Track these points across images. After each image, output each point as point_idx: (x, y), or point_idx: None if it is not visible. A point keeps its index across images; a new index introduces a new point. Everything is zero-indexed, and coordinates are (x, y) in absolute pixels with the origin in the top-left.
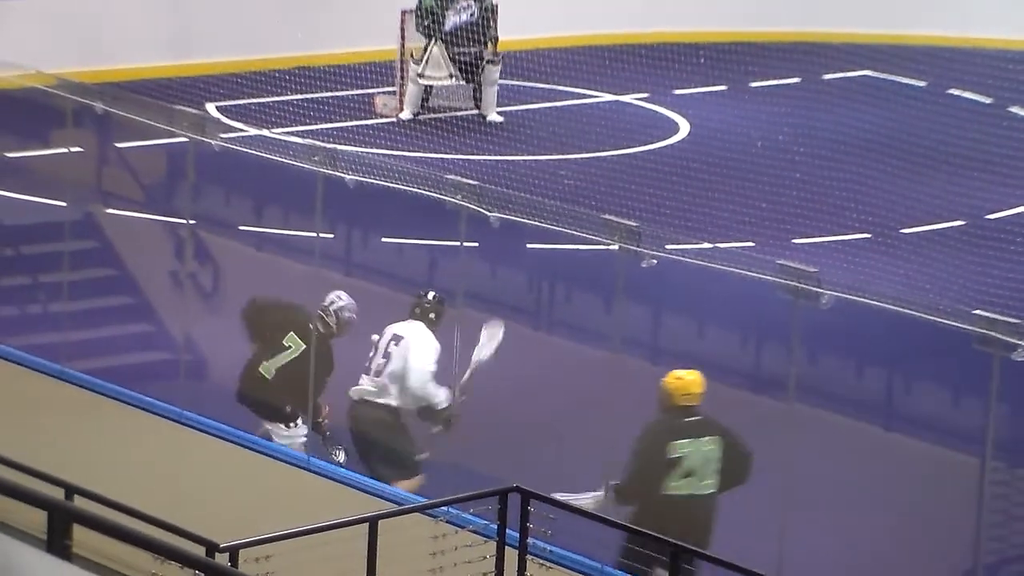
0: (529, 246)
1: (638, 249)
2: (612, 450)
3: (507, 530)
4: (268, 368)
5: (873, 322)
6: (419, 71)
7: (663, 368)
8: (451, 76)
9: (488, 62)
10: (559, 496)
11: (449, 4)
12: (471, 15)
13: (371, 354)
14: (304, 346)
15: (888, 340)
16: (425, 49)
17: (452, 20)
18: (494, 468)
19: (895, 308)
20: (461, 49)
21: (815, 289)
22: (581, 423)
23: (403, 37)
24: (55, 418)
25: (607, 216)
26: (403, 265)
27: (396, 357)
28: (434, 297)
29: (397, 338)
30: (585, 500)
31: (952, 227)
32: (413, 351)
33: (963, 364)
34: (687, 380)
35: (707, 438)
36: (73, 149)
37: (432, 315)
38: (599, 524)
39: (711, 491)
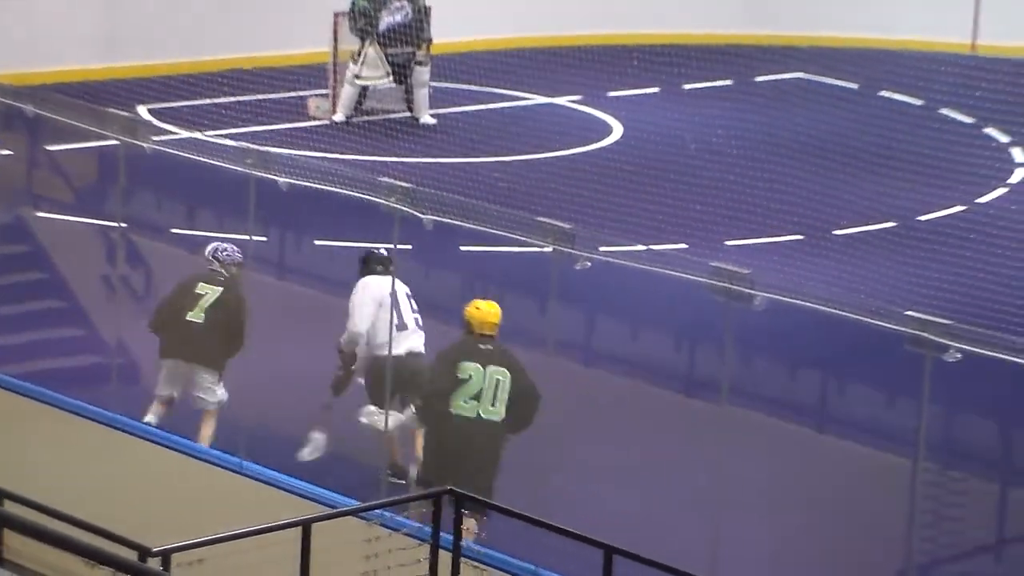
0: (463, 248)
1: (572, 251)
2: (543, 451)
3: (441, 533)
4: (196, 314)
5: (806, 323)
6: (356, 72)
7: (597, 371)
8: (388, 75)
9: (418, 63)
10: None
11: (383, 5)
12: (405, 16)
13: (392, 313)
14: (219, 288)
15: (821, 342)
16: (359, 51)
17: (386, 21)
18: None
19: (827, 309)
20: (395, 50)
21: (748, 291)
22: None
23: (336, 39)
24: None
25: (541, 218)
26: (336, 268)
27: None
28: (387, 252)
29: (407, 295)
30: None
31: (884, 228)
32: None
33: (895, 365)
34: (484, 310)
35: (496, 367)
36: (2, 152)
37: (392, 267)
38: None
39: (496, 418)
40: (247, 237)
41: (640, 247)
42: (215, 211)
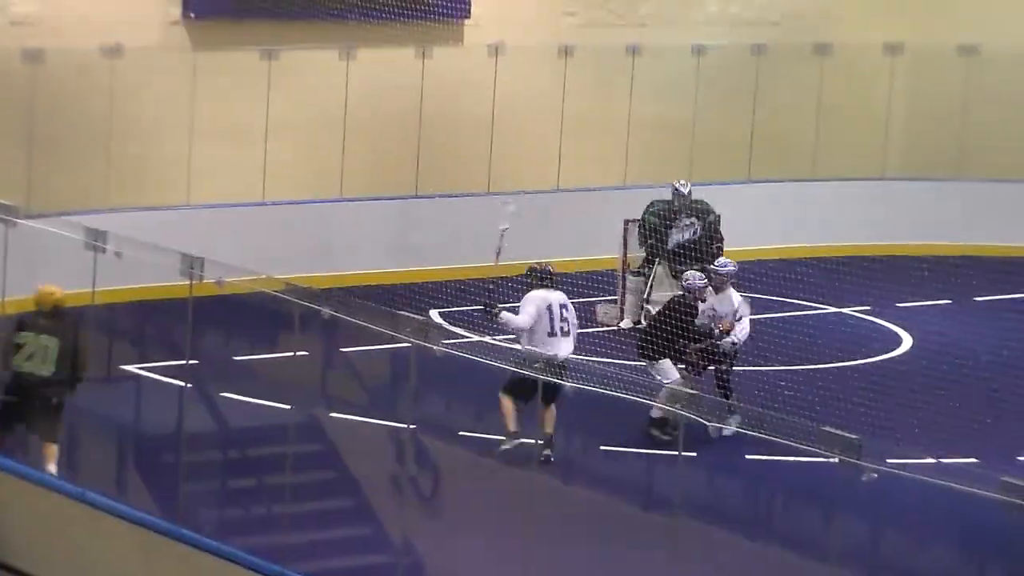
0: (748, 456)
1: (858, 462)
2: None
3: None
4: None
5: None
6: (645, 296)
7: None
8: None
9: (714, 265)
10: None
11: (673, 221)
12: (694, 232)
13: (548, 321)
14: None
15: None
16: (647, 268)
17: (675, 238)
18: None
19: None
20: (684, 268)
21: None
22: None
23: (625, 246)
24: None
25: (827, 428)
26: (620, 472)
27: (572, 318)
28: (550, 268)
29: (562, 305)
30: None
31: None
32: (572, 310)
33: None
34: (43, 291)
35: (46, 336)
36: (299, 353)
37: (555, 279)
38: None
39: (48, 374)
40: (532, 442)
41: (930, 460)
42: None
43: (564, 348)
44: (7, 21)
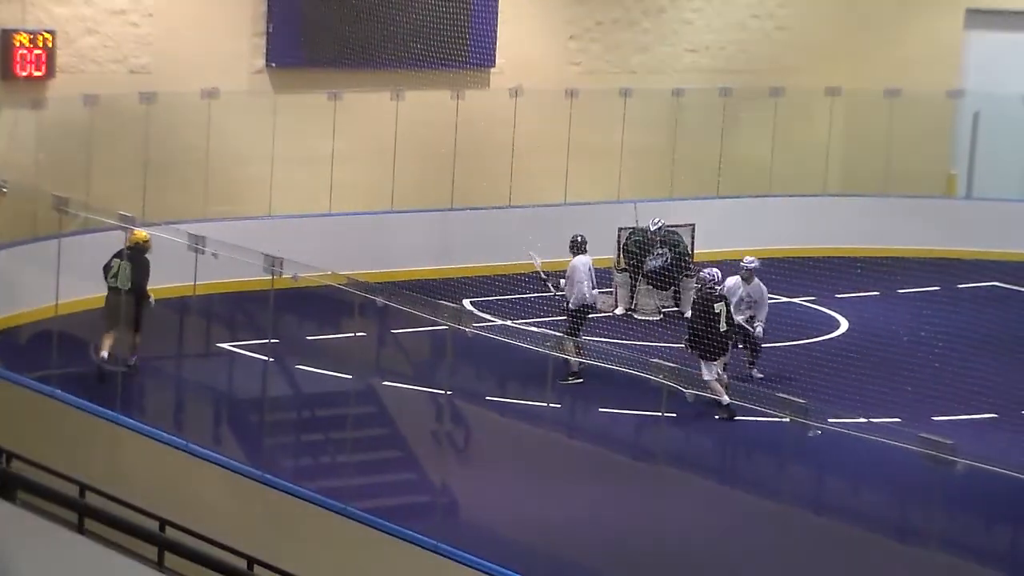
0: (715, 417)
1: (805, 422)
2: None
3: None
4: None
5: (1000, 488)
6: (630, 306)
7: (826, 520)
8: (659, 312)
9: (685, 275)
10: None
11: (647, 251)
12: (664, 261)
13: (582, 278)
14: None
15: (1013, 503)
16: (632, 285)
17: (649, 264)
18: None
19: (1019, 476)
20: (658, 287)
21: (950, 457)
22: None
23: (619, 248)
24: (338, 551)
25: (780, 394)
26: (614, 429)
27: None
28: (581, 238)
29: (590, 268)
30: None
31: None
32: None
33: None
34: (132, 234)
35: (125, 262)
36: (358, 334)
37: (585, 246)
38: None
39: (125, 288)
40: (544, 404)
41: (862, 419)
42: (521, 383)
43: (596, 295)
44: (127, 71)
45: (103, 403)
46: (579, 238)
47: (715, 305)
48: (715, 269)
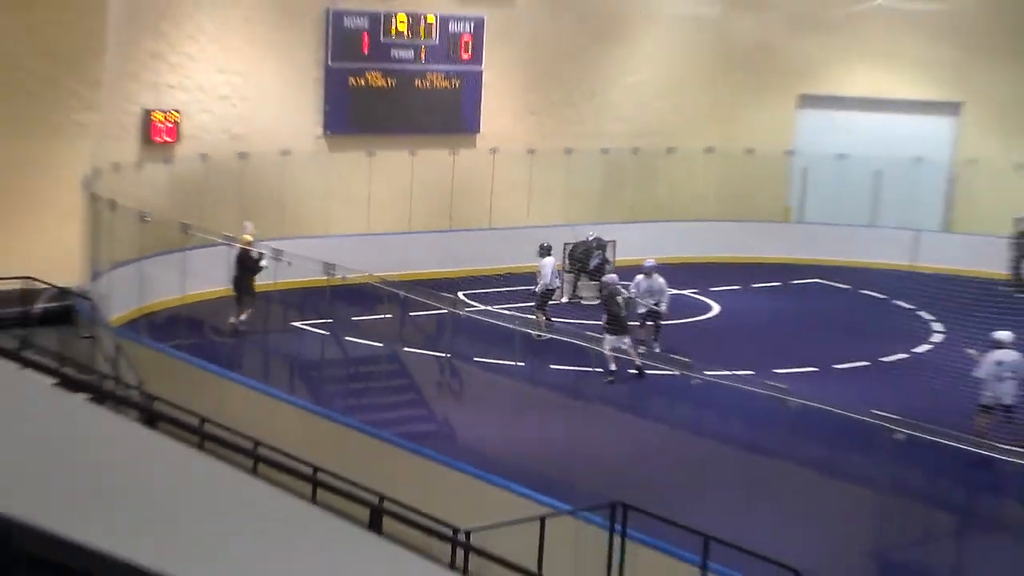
0: (629, 371)
1: (689, 374)
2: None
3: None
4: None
5: (820, 417)
6: (575, 292)
7: (704, 440)
8: (594, 299)
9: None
10: None
11: (589, 254)
12: (600, 260)
13: (547, 272)
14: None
15: (828, 427)
16: (577, 279)
17: (592, 263)
18: None
19: (830, 408)
20: (595, 281)
21: (786, 397)
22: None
23: (564, 255)
24: (374, 463)
25: (673, 355)
26: (564, 381)
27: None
28: (548, 244)
29: (553, 264)
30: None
31: (860, 366)
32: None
33: (867, 447)
34: (242, 237)
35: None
36: (386, 316)
37: (551, 250)
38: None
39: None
40: (512, 363)
41: (726, 372)
42: (499, 349)
43: (559, 283)
44: (229, 137)
45: (216, 363)
46: (546, 244)
47: (618, 298)
48: (614, 275)
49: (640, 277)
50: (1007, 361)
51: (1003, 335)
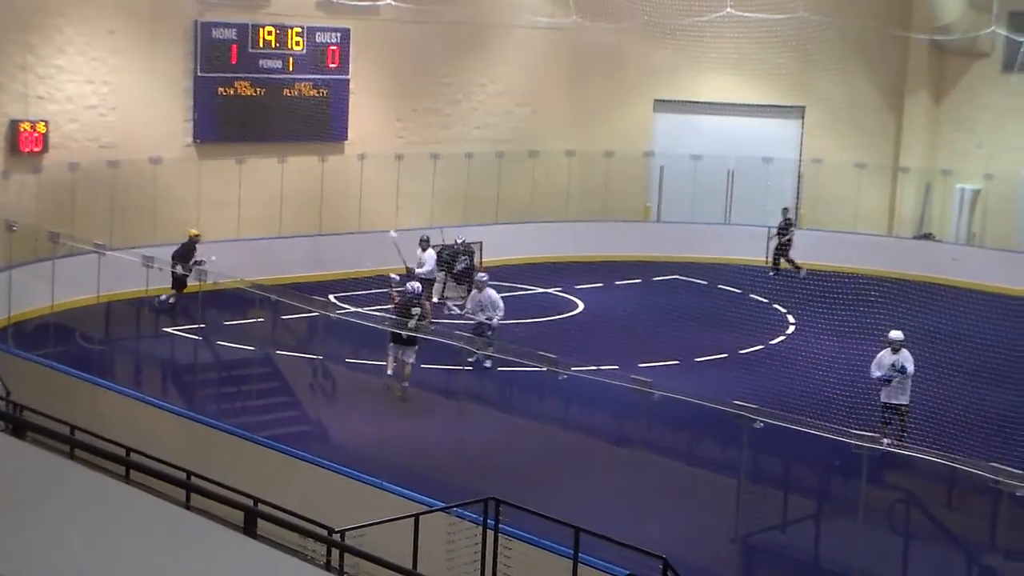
0: (500, 369)
1: (556, 369)
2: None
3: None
4: None
5: (682, 409)
6: (442, 293)
7: (571, 433)
8: (462, 299)
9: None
10: None
11: (456, 257)
12: (466, 264)
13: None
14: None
15: (689, 417)
16: (444, 282)
17: (458, 267)
18: None
19: (691, 399)
20: (461, 283)
21: (649, 390)
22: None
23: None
24: (248, 466)
25: (540, 352)
26: (431, 378)
27: None
28: (428, 236)
29: (434, 256)
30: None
31: (720, 358)
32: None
33: (720, 430)
34: (191, 231)
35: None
36: (258, 319)
37: (431, 243)
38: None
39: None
40: (383, 363)
41: (592, 367)
42: (369, 349)
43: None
44: (98, 146)
45: (87, 371)
46: (426, 236)
47: (412, 309)
48: (416, 283)
49: (474, 291)
50: (886, 362)
51: (895, 335)
